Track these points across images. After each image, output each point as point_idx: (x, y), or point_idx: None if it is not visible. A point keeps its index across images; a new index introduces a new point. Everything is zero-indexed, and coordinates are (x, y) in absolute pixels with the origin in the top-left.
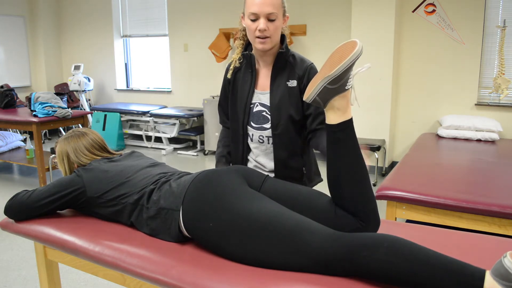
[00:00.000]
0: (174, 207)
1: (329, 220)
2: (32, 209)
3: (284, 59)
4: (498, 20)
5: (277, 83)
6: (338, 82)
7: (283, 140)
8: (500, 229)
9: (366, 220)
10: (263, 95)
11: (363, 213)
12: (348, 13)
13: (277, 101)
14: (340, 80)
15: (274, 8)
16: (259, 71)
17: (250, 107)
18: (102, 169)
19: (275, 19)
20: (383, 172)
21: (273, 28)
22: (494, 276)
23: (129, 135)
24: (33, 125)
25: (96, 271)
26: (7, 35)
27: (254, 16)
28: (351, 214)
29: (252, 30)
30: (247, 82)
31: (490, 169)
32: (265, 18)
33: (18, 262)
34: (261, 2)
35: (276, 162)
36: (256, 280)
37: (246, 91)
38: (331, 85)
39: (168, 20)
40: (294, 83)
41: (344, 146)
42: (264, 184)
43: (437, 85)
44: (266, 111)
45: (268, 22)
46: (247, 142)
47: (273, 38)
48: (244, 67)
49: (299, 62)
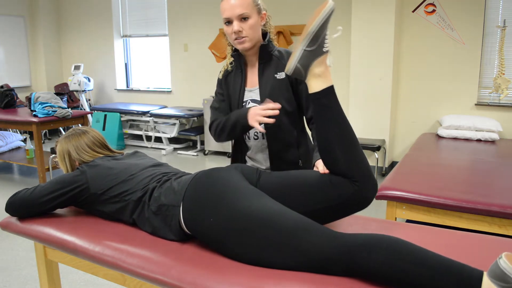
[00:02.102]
0: (174, 203)
1: (326, 190)
2: (34, 206)
3: (269, 53)
4: (498, 20)
5: (265, 77)
6: (316, 42)
7: (276, 133)
8: (500, 229)
9: (362, 179)
10: (253, 92)
11: (358, 172)
12: (348, 13)
13: (267, 94)
14: (318, 38)
15: (244, 8)
16: (248, 70)
17: (243, 105)
18: (107, 166)
19: (247, 17)
20: (383, 172)
21: (248, 27)
22: (491, 277)
23: (129, 135)
24: (33, 125)
25: (96, 271)
26: (7, 35)
27: (227, 20)
28: (346, 177)
29: (230, 34)
30: (237, 82)
31: (490, 169)
32: (237, 20)
33: (18, 262)
34: (230, 6)
35: (271, 155)
36: (256, 280)
37: (237, 91)
38: (310, 46)
39: (168, 20)
40: (282, 75)
41: (330, 111)
42: (259, 179)
43: (437, 85)
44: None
45: (241, 23)
46: (244, 141)
47: (251, 36)
48: (235, 68)
49: (285, 54)
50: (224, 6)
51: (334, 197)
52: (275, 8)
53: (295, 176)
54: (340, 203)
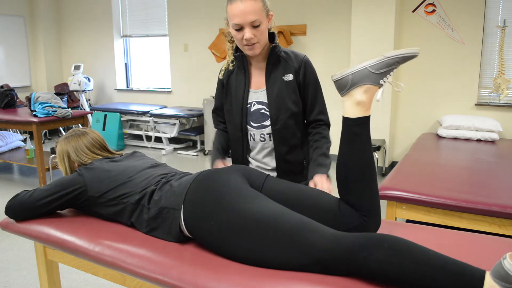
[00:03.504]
0: (175, 206)
1: (333, 217)
2: (33, 209)
3: (277, 54)
4: (498, 20)
5: (272, 78)
6: (382, 68)
7: (283, 134)
8: (500, 229)
9: (369, 215)
10: (259, 93)
11: (368, 208)
12: (348, 13)
13: (275, 96)
14: (386, 66)
15: (256, 14)
16: (252, 71)
17: (247, 107)
18: (104, 169)
19: (259, 24)
20: (383, 172)
21: (259, 33)
22: (494, 277)
23: (129, 135)
24: (33, 125)
25: (96, 271)
26: (7, 35)
27: (238, 26)
28: (356, 209)
29: (239, 40)
30: (240, 83)
31: (490, 169)
32: (249, 26)
33: (19, 262)
34: (243, 12)
35: (277, 157)
36: (256, 280)
37: (241, 92)
38: (374, 68)
39: (168, 20)
40: (290, 77)
41: (359, 141)
42: (265, 184)
43: (437, 85)
44: (264, 108)
45: (253, 30)
46: (247, 143)
47: (261, 42)
48: (237, 69)
49: (292, 56)
50: (234, 11)
51: (339, 224)
52: (275, 8)
53: (305, 192)
54: (343, 229)
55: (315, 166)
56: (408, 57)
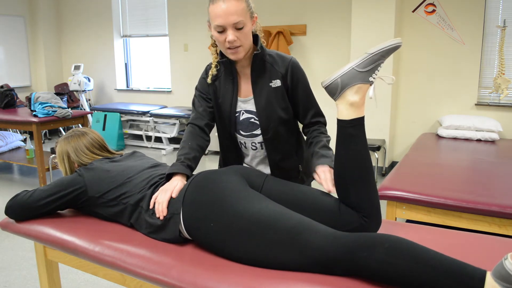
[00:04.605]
0: (174, 211)
1: (334, 218)
2: (33, 209)
3: (262, 60)
4: (498, 20)
5: (259, 86)
6: (368, 66)
7: (275, 144)
8: (500, 229)
9: (369, 216)
10: (247, 103)
11: (368, 209)
12: (348, 13)
13: (264, 104)
14: (372, 63)
15: (239, 15)
16: (240, 78)
17: (236, 116)
18: (104, 169)
19: (242, 26)
20: (383, 172)
21: (243, 36)
22: (495, 277)
23: (129, 135)
24: (33, 125)
25: (96, 271)
26: (7, 35)
27: (220, 28)
28: (356, 210)
29: (222, 42)
30: (228, 91)
31: (490, 169)
32: (232, 28)
33: (18, 262)
34: (225, 13)
35: (272, 166)
36: (256, 280)
37: (228, 101)
38: (361, 67)
39: (168, 20)
40: (277, 83)
41: (354, 142)
42: (265, 184)
43: (437, 85)
44: (253, 118)
45: (236, 32)
46: (239, 151)
47: (245, 45)
48: (224, 74)
49: (278, 60)
50: (216, 11)
51: (339, 225)
52: (276, 8)
53: (305, 193)
54: (343, 230)
55: (317, 157)
56: (391, 49)
